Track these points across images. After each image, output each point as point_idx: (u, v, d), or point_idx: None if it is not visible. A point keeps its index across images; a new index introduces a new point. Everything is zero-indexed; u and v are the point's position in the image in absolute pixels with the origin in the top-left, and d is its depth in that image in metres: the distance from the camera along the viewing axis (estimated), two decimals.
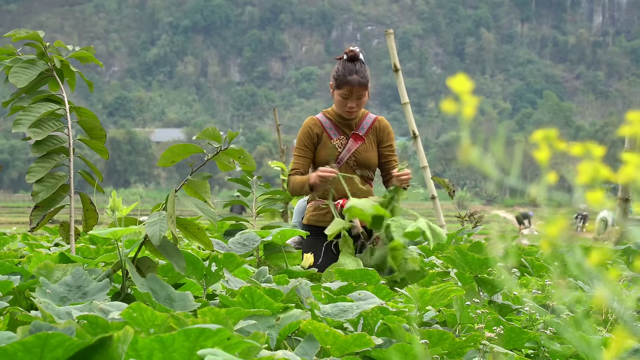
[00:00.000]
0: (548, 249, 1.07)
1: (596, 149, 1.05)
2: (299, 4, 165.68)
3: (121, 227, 3.28)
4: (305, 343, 2.37)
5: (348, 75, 4.63)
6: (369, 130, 4.79)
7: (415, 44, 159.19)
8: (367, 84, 4.67)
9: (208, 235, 3.26)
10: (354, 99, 4.66)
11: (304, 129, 4.79)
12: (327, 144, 4.76)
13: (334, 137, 4.76)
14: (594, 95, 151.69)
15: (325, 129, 4.77)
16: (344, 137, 4.77)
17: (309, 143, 4.76)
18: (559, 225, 1.06)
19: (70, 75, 4.10)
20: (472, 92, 1.10)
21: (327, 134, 4.76)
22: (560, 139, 1.08)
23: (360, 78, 4.64)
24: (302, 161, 4.76)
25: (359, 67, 4.66)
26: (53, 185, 3.90)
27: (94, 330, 2.04)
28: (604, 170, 1.04)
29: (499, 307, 3.64)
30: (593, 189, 1.05)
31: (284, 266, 4.41)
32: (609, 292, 1.09)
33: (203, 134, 3.06)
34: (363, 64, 4.70)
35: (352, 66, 4.66)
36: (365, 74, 4.67)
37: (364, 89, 4.66)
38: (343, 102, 4.69)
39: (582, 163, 1.05)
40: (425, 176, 8.69)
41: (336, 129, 4.77)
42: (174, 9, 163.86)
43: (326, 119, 4.79)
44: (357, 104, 4.68)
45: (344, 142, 4.77)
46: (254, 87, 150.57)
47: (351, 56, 4.68)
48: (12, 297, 2.95)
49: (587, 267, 1.09)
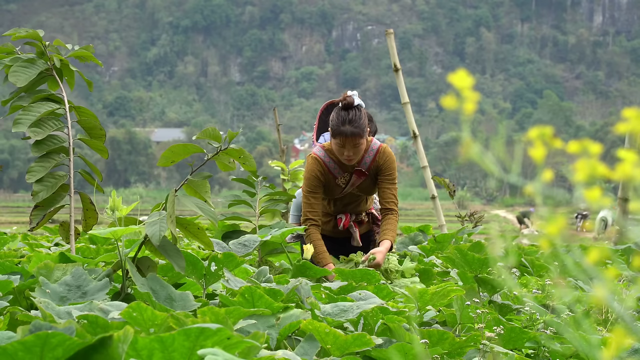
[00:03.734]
0: (548, 249, 1.07)
1: (593, 147, 1.05)
2: (299, 4, 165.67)
3: (121, 226, 3.28)
4: (306, 343, 2.37)
5: (341, 126, 4.52)
6: (372, 163, 4.73)
7: (415, 43, 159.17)
8: (360, 133, 4.53)
9: (208, 235, 3.26)
10: (349, 149, 4.57)
11: (311, 173, 4.71)
12: (331, 182, 4.74)
13: (338, 177, 4.73)
14: (594, 95, 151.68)
15: (329, 170, 4.72)
16: (347, 174, 4.73)
17: (318, 185, 4.72)
18: (559, 225, 1.06)
19: (70, 75, 4.10)
20: (472, 90, 1.10)
21: (331, 174, 4.73)
22: (558, 138, 1.08)
23: (354, 128, 4.50)
24: (315, 207, 4.71)
25: (352, 116, 4.52)
26: (53, 185, 3.90)
27: (94, 330, 2.04)
28: (601, 167, 1.04)
29: (499, 307, 3.64)
30: (591, 186, 1.05)
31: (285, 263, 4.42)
32: (609, 292, 1.09)
33: (203, 133, 3.06)
34: (358, 111, 4.54)
35: (346, 115, 4.52)
36: (359, 123, 4.52)
37: (358, 137, 4.53)
38: (340, 150, 4.60)
39: (580, 160, 1.04)
40: (425, 176, 8.68)
41: (340, 168, 4.72)
42: (174, 9, 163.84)
43: (329, 158, 4.72)
44: (355, 152, 4.59)
45: (347, 178, 4.74)
46: (254, 86, 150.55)
47: (345, 104, 4.55)
48: (12, 297, 2.95)
49: (586, 266, 1.09)
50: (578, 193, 1.04)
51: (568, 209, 1.08)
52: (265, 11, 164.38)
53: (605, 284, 1.09)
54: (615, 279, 3.63)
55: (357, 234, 4.81)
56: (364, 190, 4.80)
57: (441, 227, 8.68)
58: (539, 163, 1.04)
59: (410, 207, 61.33)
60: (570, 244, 1.08)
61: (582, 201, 1.06)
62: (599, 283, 1.10)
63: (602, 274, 1.11)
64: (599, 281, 1.11)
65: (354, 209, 4.89)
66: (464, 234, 6.83)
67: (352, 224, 4.83)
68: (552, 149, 1.07)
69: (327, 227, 4.86)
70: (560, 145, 1.06)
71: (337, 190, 4.76)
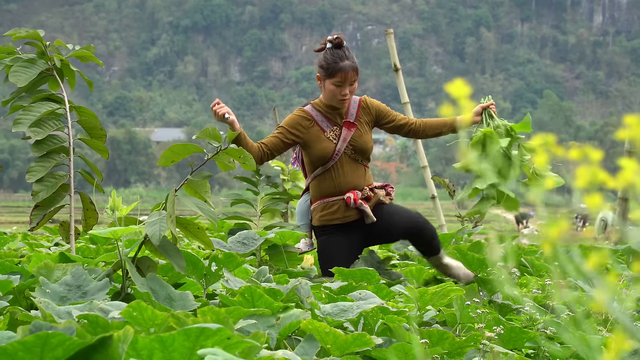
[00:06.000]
0: (549, 249, 1.07)
1: (594, 153, 1.05)
2: (299, 4, 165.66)
3: (121, 226, 3.28)
4: (306, 343, 2.37)
5: (340, 62, 4.49)
6: (358, 113, 4.66)
7: (415, 43, 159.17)
8: (357, 69, 4.55)
9: (208, 234, 3.26)
10: (347, 86, 4.52)
11: (292, 116, 4.63)
12: (320, 137, 4.61)
13: (327, 130, 4.62)
14: (594, 95, 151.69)
15: (316, 122, 4.62)
16: (337, 128, 4.64)
17: (289, 128, 4.58)
18: (559, 226, 1.06)
19: (70, 75, 4.10)
20: (472, 93, 1.10)
21: (319, 126, 4.62)
22: (559, 141, 1.08)
23: (352, 63, 4.51)
24: (270, 140, 4.57)
25: (348, 53, 4.53)
26: (53, 185, 3.90)
27: (94, 330, 2.04)
28: (602, 174, 1.04)
29: (499, 306, 3.64)
30: (591, 192, 1.05)
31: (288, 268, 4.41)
32: (609, 292, 1.09)
33: (203, 133, 3.06)
34: (349, 49, 4.58)
35: (342, 52, 4.52)
36: (354, 59, 4.55)
37: (356, 73, 4.53)
38: (336, 91, 4.53)
39: (580, 167, 1.04)
40: (425, 176, 8.68)
41: (328, 121, 4.63)
42: (174, 9, 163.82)
43: (316, 111, 4.65)
44: (350, 91, 4.55)
45: (337, 132, 4.63)
46: (254, 86, 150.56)
47: (337, 43, 4.55)
48: (12, 297, 2.95)
49: (585, 267, 1.09)
50: (577, 197, 1.05)
51: (568, 210, 1.09)
52: (265, 11, 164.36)
53: (605, 286, 1.09)
54: (615, 281, 3.63)
55: (369, 209, 4.62)
56: (359, 149, 4.63)
57: (441, 227, 8.69)
58: (542, 171, 1.04)
59: (410, 207, 60.92)
60: (570, 245, 1.08)
61: (581, 204, 1.06)
62: (599, 285, 1.10)
63: (602, 276, 1.11)
64: (599, 283, 1.11)
65: (357, 182, 4.66)
66: (464, 234, 6.83)
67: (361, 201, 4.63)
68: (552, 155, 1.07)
69: (337, 214, 4.65)
70: (562, 153, 1.06)
71: (329, 147, 4.60)
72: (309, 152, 4.65)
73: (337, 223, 4.65)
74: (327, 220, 4.66)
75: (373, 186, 4.72)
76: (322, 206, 4.68)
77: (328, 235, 4.65)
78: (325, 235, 4.66)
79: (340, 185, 4.64)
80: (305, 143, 4.63)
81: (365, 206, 4.61)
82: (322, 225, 4.67)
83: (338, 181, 4.65)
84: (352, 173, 4.65)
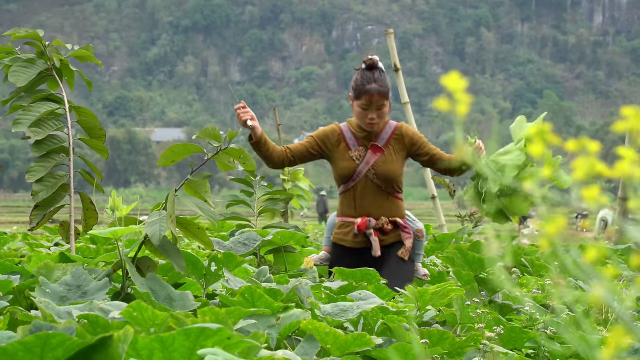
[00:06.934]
0: (548, 249, 1.07)
1: (592, 145, 1.04)
2: (299, 4, 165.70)
3: (121, 226, 3.28)
4: (306, 343, 2.37)
5: (367, 84, 4.38)
6: (389, 140, 4.51)
7: (415, 43, 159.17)
8: (387, 93, 4.41)
9: (208, 234, 3.26)
10: (374, 109, 4.40)
11: (323, 129, 4.56)
12: (344, 155, 4.51)
13: (352, 149, 4.50)
14: (594, 95, 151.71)
15: (344, 139, 4.52)
16: (363, 149, 4.51)
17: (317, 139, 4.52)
18: (558, 225, 1.06)
19: (70, 75, 4.10)
20: (471, 92, 1.10)
21: (345, 143, 4.52)
22: (557, 137, 1.08)
23: (380, 87, 4.38)
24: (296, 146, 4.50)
25: (377, 76, 4.40)
26: (53, 185, 3.90)
27: (94, 330, 2.04)
28: (600, 165, 1.04)
29: (499, 306, 3.64)
30: (589, 185, 1.04)
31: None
32: (608, 292, 1.09)
33: (203, 133, 3.06)
34: (382, 72, 4.44)
35: (371, 75, 4.40)
36: (385, 83, 4.41)
37: (384, 97, 4.39)
38: (363, 113, 4.42)
39: (578, 159, 1.04)
40: (425, 176, 8.68)
41: (356, 140, 4.51)
42: (174, 9, 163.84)
43: (348, 129, 4.55)
44: (378, 115, 4.42)
45: (362, 153, 4.50)
46: (254, 86, 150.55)
47: (369, 64, 4.43)
48: (12, 297, 2.95)
49: (584, 266, 1.09)
50: (576, 193, 1.04)
51: (567, 209, 1.09)
52: (265, 11, 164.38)
53: (604, 283, 1.09)
54: (614, 279, 3.63)
55: (377, 242, 4.45)
56: (382, 176, 4.47)
57: (441, 227, 8.69)
58: (538, 159, 1.04)
59: (410, 207, 61.04)
60: (570, 244, 1.08)
61: (580, 201, 1.06)
62: (599, 283, 1.10)
63: (601, 273, 1.11)
64: (599, 281, 1.11)
65: (377, 208, 4.51)
66: (464, 234, 6.84)
67: (372, 231, 4.47)
68: (551, 148, 1.07)
69: (348, 237, 4.54)
70: (559, 142, 1.06)
71: (349, 166, 4.48)
72: (333, 168, 4.58)
73: (345, 245, 4.56)
74: (339, 239, 4.59)
75: (397, 219, 4.52)
76: (339, 224, 4.60)
77: (338, 254, 4.58)
78: (336, 253, 4.60)
79: (357, 207, 4.52)
80: (330, 158, 4.56)
81: (374, 238, 4.46)
82: (335, 243, 4.62)
83: (356, 203, 4.53)
84: (371, 198, 4.50)
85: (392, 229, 4.51)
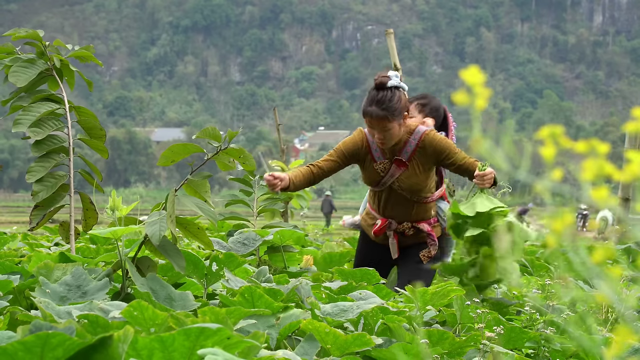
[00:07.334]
0: (554, 246, 1.07)
1: (601, 146, 1.04)
2: (299, 4, 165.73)
3: (121, 226, 3.28)
4: (306, 343, 2.37)
5: (367, 106, 4.18)
6: (414, 153, 4.31)
7: (415, 43, 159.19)
8: (387, 116, 4.14)
9: (208, 234, 3.26)
10: (379, 131, 4.20)
11: (352, 137, 4.39)
12: (370, 167, 4.36)
13: (378, 161, 4.34)
14: (594, 95, 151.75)
15: (370, 150, 4.36)
16: (388, 162, 4.34)
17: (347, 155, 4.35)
18: (565, 222, 1.06)
19: (70, 75, 4.10)
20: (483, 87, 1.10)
21: (371, 155, 4.36)
22: (564, 137, 1.08)
23: (380, 110, 4.14)
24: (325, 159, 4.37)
25: (382, 97, 4.15)
26: (53, 185, 3.90)
27: (94, 330, 2.04)
28: (609, 167, 1.04)
29: (496, 304, 3.64)
30: (597, 186, 1.04)
31: None
32: (610, 291, 1.09)
33: (203, 133, 3.06)
34: (392, 92, 4.17)
35: (375, 95, 4.17)
36: (390, 105, 4.14)
37: (384, 120, 4.15)
38: (371, 132, 4.25)
39: (587, 160, 1.04)
40: None
41: (380, 152, 4.33)
42: (174, 9, 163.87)
43: (372, 139, 4.34)
44: (385, 136, 4.21)
45: (387, 166, 4.33)
46: (254, 86, 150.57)
47: (377, 84, 4.21)
48: (12, 297, 2.95)
49: (588, 265, 1.09)
50: (584, 191, 1.04)
51: (571, 207, 1.08)
52: (265, 11, 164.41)
53: (607, 283, 1.09)
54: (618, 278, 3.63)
55: (395, 245, 4.41)
56: (408, 189, 4.36)
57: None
58: (549, 162, 1.04)
59: None
60: (573, 243, 1.08)
61: (586, 199, 1.05)
62: (602, 282, 1.10)
63: (604, 273, 1.11)
64: (602, 280, 1.10)
65: (401, 214, 4.43)
66: None
67: (392, 233, 4.42)
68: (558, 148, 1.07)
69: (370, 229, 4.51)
70: (569, 145, 1.06)
71: (374, 177, 4.37)
72: (361, 171, 4.48)
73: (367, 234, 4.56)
74: (365, 227, 4.58)
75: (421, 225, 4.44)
76: (367, 211, 4.58)
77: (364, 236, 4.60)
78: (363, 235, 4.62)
79: (382, 209, 4.47)
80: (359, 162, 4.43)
81: (393, 240, 4.43)
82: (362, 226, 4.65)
83: (380, 205, 4.47)
84: (397, 205, 4.42)
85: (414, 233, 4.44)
